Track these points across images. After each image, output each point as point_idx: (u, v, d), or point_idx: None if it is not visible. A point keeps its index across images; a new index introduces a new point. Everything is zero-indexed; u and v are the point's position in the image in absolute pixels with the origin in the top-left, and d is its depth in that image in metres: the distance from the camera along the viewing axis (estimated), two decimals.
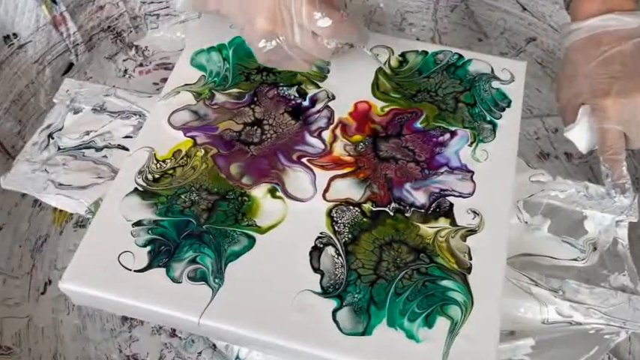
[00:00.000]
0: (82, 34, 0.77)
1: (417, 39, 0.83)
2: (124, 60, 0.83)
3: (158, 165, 0.50)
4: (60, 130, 0.57)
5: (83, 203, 0.52)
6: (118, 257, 0.45)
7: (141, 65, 0.84)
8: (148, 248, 0.45)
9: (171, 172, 0.50)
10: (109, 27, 0.81)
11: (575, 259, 0.52)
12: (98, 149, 0.56)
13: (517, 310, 0.49)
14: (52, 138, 0.57)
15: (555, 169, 0.73)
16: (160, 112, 0.53)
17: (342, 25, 0.48)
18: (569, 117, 0.57)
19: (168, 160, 0.50)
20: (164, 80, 0.59)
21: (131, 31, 0.84)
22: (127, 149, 0.56)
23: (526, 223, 0.54)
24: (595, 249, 0.53)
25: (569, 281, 0.50)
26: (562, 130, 0.59)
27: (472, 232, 0.47)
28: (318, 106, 0.54)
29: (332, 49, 0.49)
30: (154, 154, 0.51)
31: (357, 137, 0.52)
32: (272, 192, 0.49)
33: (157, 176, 0.49)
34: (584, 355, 0.50)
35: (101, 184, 0.54)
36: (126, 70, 0.83)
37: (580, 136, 0.55)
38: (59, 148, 0.56)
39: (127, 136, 0.57)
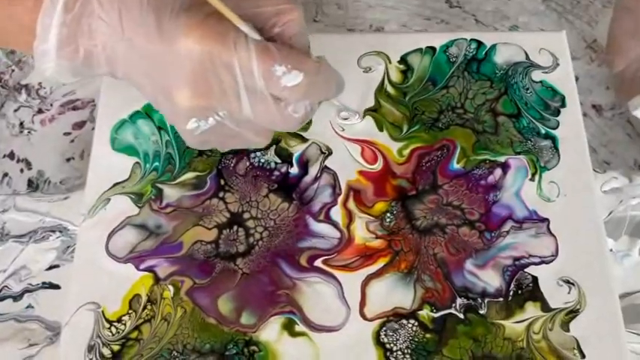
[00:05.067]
0: None
1: (404, 26, 0.64)
2: (15, 110, 0.62)
3: (112, 329, 0.34)
4: None
5: None
6: None
7: (40, 112, 0.63)
8: None
9: (135, 334, 0.34)
10: None
11: None
12: (16, 297, 0.39)
13: None
14: None
15: (587, 130, 0.60)
16: (91, 239, 0.36)
17: (318, 78, 0.31)
18: (633, 87, 0.43)
19: (126, 317, 0.34)
20: (79, 126, 0.41)
21: (13, 69, 0.62)
22: (57, 287, 0.39)
23: (611, 251, 0.41)
24: None
25: None
26: (584, 77, 0.45)
27: (573, 313, 0.34)
28: (313, 171, 0.38)
29: (303, 116, 0.32)
30: (102, 313, 0.34)
31: (380, 206, 0.37)
32: (289, 327, 0.34)
33: (116, 348, 0.33)
34: None
35: (35, 355, 0.37)
36: (22, 124, 0.62)
37: None
38: None
39: (51, 267, 0.40)
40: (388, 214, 0.37)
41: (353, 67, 0.41)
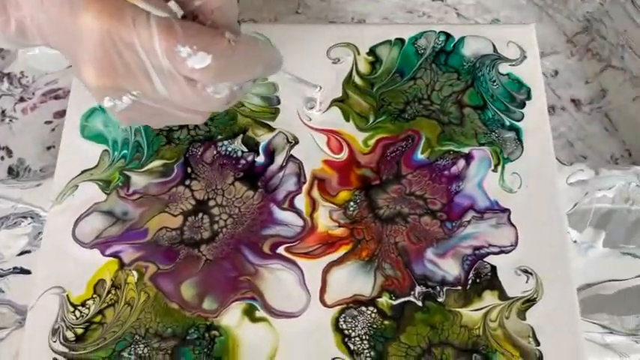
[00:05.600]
0: None
1: (385, 19, 0.65)
2: None
3: (77, 313, 0.34)
4: None
5: None
6: None
7: (22, 100, 0.63)
8: None
9: (98, 318, 0.34)
10: None
11: None
12: None
13: None
14: None
15: (564, 124, 0.61)
16: (58, 224, 0.37)
17: (234, 59, 0.28)
18: None
19: (90, 301, 0.35)
20: (60, 115, 0.41)
21: None
22: (28, 272, 0.40)
23: (575, 242, 0.42)
24: None
25: None
26: (564, 71, 0.46)
27: (530, 302, 0.35)
28: (279, 160, 0.38)
29: (228, 97, 0.29)
30: (67, 297, 0.35)
31: (344, 195, 0.37)
32: (250, 313, 0.34)
33: (79, 331, 0.34)
34: None
35: (5, 338, 0.38)
36: (3, 112, 0.63)
37: None
38: None
39: (23, 252, 0.40)
40: (351, 203, 0.37)
41: (322, 57, 0.41)
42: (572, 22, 0.65)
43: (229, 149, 0.39)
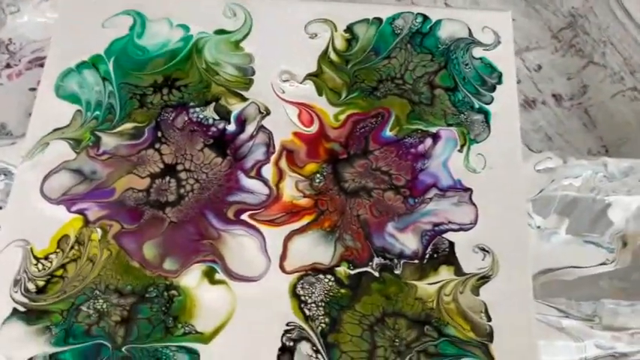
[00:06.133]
0: None
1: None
2: None
3: (39, 265, 0.35)
4: None
5: None
6: None
7: (8, 67, 0.64)
8: None
9: (60, 272, 0.35)
10: None
11: (603, 263, 0.42)
12: None
13: (549, 354, 0.39)
14: None
15: (544, 118, 0.61)
16: (27, 180, 0.37)
17: None
18: None
19: (53, 256, 0.35)
20: None
21: None
22: None
23: (539, 228, 0.42)
24: (625, 244, 0.42)
25: (603, 301, 0.40)
26: (547, 66, 0.46)
27: (485, 279, 0.35)
28: (250, 129, 0.39)
29: None
30: (31, 250, 0.35)
31: (311, 167, 0.38)
32: (209, 275, 0.35)
33: (41, 283, 0.34)
34: None
35: None
36: None
37: None
38: None
39: None
40: (318, 175, 0.38)
41: (299, 32, 0.42)
42: (557, 17, 0.65)
43: (201, 116, 0.39)
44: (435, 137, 0.39)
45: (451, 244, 0.36)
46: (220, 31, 0.41)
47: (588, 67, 0.61)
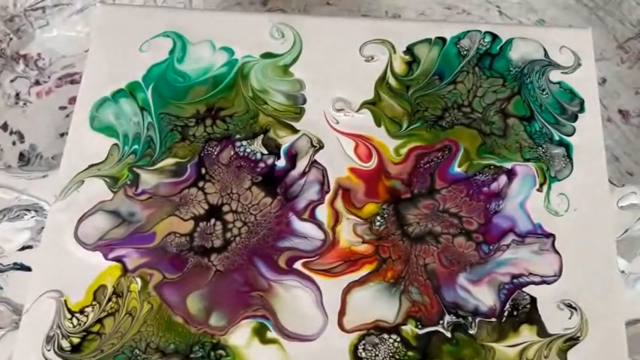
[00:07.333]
0: None
1: (422, 14, 0.60)
2: (11, 80, 0.61)
3: (74, 320, 0.32)
4: None
5: None
6: None
7: (37, 83, 0.61)
8: None
9: (97, 328, 0.32)
10: None
11: None
12: None
13: None
14: None
15: (610, 137, 0.56)
16: (60, 221, 0.34)
17: None
18: None
19: (89, 309, 0.32)
20: (76, 100, 0.38)
21: (11, 38, 0.60)
22: (29, 269, 0.37)
23: (622, 272, 0.38)
24: None
25: None
26: (613, 79, 0.42)
27: (573, 340, 0.31)
28: (302, 165, 0.35)
29: None
30: (65, 302, 0.32)
31: (371, 208, 0.34)
32: (260, 333, 0.31)
33: (76, 340, 0.31)
34: None
35: (1, 338, 0.36)
36: (17, 95, 0.60)
37: None
38: None
39: (24, 247, 0.38)
40: (378, 218, 0.34)
41: (354, 54, 0.38)
42: (624, 26, 0.60)
43: (248, 150, 0.35)
44: (510, 174, 0.35)
45: (533, 300, 0.32)
46: (267, 55, 0.38)
47: None
